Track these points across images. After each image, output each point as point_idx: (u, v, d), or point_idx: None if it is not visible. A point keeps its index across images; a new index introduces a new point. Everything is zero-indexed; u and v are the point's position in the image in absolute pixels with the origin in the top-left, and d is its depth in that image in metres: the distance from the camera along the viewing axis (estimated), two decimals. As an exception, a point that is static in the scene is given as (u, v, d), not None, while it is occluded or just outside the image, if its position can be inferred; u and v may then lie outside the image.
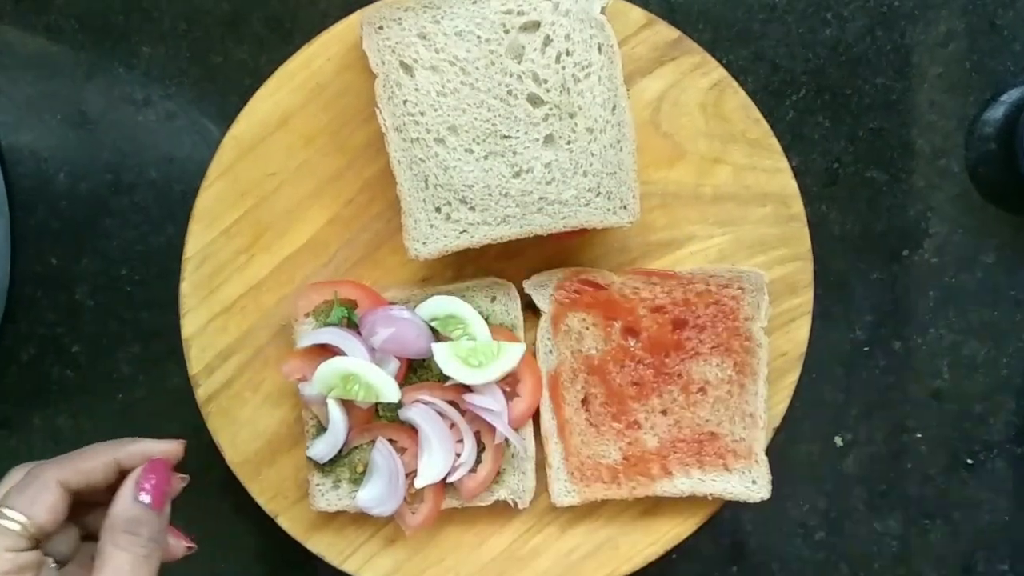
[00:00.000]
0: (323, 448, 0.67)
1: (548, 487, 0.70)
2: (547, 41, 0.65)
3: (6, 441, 0.79)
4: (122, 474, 0.54)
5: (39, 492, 0.51)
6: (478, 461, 0.69)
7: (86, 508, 0.55)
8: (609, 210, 0.66)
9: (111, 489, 0.54)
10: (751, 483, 0.70)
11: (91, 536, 0.56)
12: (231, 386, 0.71)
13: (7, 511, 0.50)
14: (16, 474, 0.55)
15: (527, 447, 0.70)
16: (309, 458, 0.68)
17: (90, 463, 0.54)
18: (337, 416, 0.67)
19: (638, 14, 0.70)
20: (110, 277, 0.78)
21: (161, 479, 0.54)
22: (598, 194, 0.66)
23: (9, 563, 0.49)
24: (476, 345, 0.67)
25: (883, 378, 0.79)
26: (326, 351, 0.67)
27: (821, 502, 0.80)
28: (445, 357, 0.66)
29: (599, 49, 0.65)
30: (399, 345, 0.66)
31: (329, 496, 0.69)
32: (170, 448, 0.56)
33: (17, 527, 0.50)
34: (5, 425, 0.79)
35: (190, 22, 0.77)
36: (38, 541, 0.51)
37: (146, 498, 0.52)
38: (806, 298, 0.71)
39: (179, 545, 0.57)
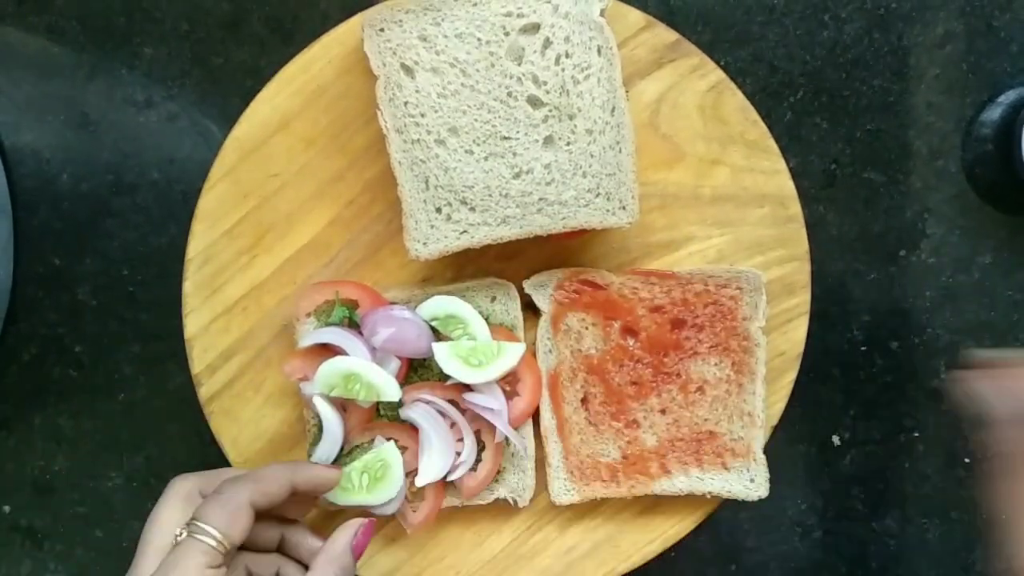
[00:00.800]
0: (325, 450, 0.68)
1: (548, 486, 0.70)
2: (547, 43, 0.65)
3: (6, 441, 0.79)
4: (293, 494, 0.59)
5: (237, 512, 0.54)
6: (478, 460, 0.69)
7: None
8: (608, 211, 0.66)
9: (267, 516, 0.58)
10: (749, 482, 0.70)
11: (243, 547, 0.58)
12: (233, 386, 0.71)
13: (206, 527, 0.53)
14: (181, 485, 0.58)
15: (527, 446, 0.70)
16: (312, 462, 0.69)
17: (273, 486, 0.57)
18: (330, 415, 0.67)
19: (637, 16, 0.70)
20: (112, 277, 0.78)
21: (368, 537, 0.60)
22: (597, 195, 0.66)
23: None
24: (476, 345, 0.67)
25: (880, 378, 0.79)
26: (327, 351, 0.68)
27: (819, 501, 0.80)
28: (445, 356, 0.66)
29: (598, 51, 0.65)
30: (400, 345, 0.67)
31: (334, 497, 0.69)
32: (335, 476, 0.63)
33: (215, 544, 0.53)
34: (5, 425, 0.79)
35: (191, 23, 0.77)
36: (227, 558, 0.54)
37: (357, 548, 0.59)
38: (804, 298, 0.72)
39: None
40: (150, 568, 0.53)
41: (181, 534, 0.54)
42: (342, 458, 0.69)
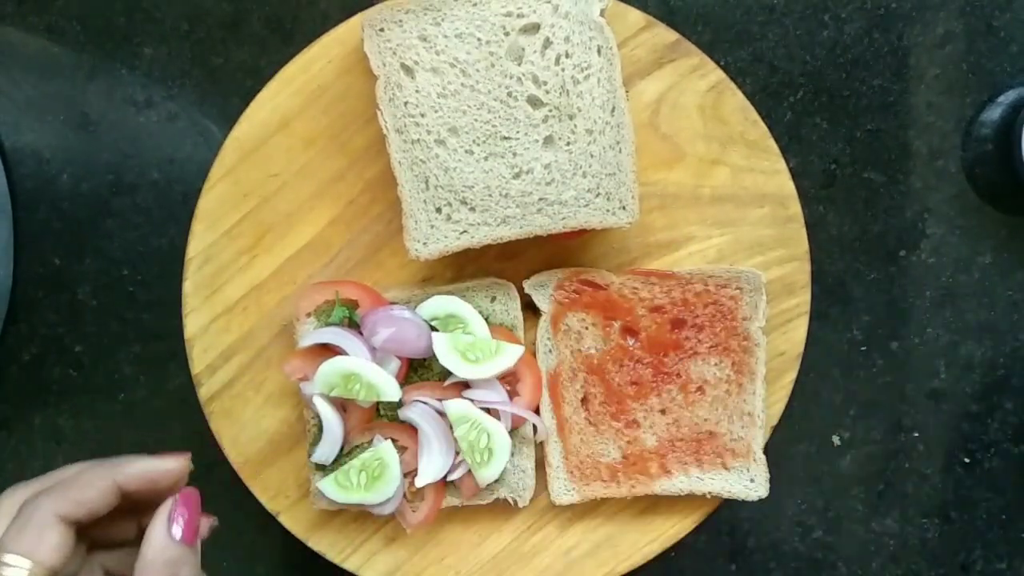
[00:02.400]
0: (325, 450, 0.68)
1: (548, 486, 0.70)
2: (547, 43, 0.65)
3: (7, 441, 0.79)
4: (124, 497, 0.50)
5: (42, 532, 0.46)
6: (478, 460, 0.69)
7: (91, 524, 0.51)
8: (608, 211, 0.66)
9: (116, 511, 0.50)
10: (749, 482, 0.70)
11: (96, 545, 0.52)
12: (233, 386, 0.71)
13: (9, 557, 0.46)
14: (5, 503, 0.49)
15: (543, 427, 0.70)
16: (313, 461, 0.69)
17: (89, 492, 0.48)
18: (329, 415, 0.67)
19: (637, 16, 0.70)
20: (112, 277, 0.78)
21: (193, 513, 0.49)
22: (597, 195, 0.66)
23: None
24: (475, 340, 0.67)
25: (880, 378, 0.79)
26: (327, 351, 0.68)
27: (819, 501, 0.80)
28: (444, 349, 0.66)
29: (598, 51, 0.65)
30: (400, 345, 0.67)
31: (333, 495, 0.69)
32: (175, 466, 0.50)
33: (24, 573, 0.46)
34: (5, 425, 0.79)
35: (192, 23, 0.77)
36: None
37: (178, 533, 0.48)
38: (803, 298, 0.72)
39: (204, 525, 0.53)
40: None
41: None
42: (342, 458, 0.69)
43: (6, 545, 0.46)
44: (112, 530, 0.52)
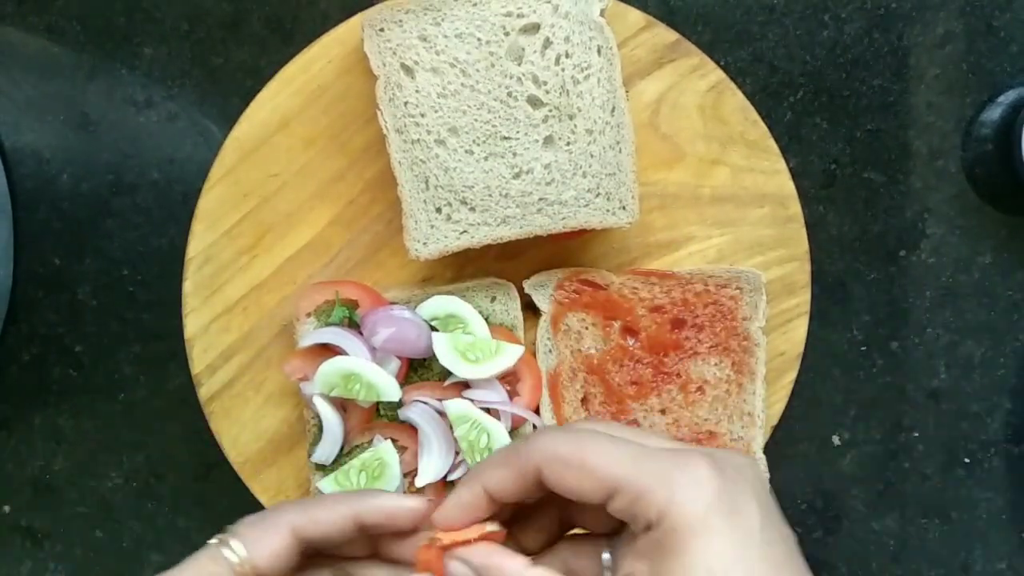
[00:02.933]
0: (325, 450, 0.68)
1: (548, 486, 0.70)
2: (547, 43, 0.65)
3: (6, 441, 0.79)
4: (362, 531, 0.48)
5: (268, 532, 0.46)
6: (478, 460, 0.69)
7: (324, 559, 0.50)
8: (608, 211, 0.66)
9: (350, 544, 0.49)
10: (749, 482, 0.70)
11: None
12: (233, 386, 0.71)
13: (231, 540, 0.46)
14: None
15: (541, 426, 0.70)
16: (313, 461, 0.69)
17: (329, 514, 0.47)
18: (330, 415, 0.67)
19: (637, 16, 0.70)
20: (112, 277, 0.78)
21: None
22: (597, 195, 0.66)
23: None
24: (475, 340, 0.67)
25: (880, 378, 0.79)
26: (327, 351, 0.68)
27: (819, 501, 0.80)
28: (444, 349, 0.66)
29: (598, 51, 0.65)
30: (400, 345, 0.67)
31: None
32: (417, 506, 0.48)
33: (234, 558, 0.46)
34: (5, 425, 0.79)
35: (192, 23, 0.77)
36: None
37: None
38: (803, 298, 0.72)
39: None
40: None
41: (213, 540, 0.47)
42: (342, 458, 0.69)
43: (235, 529, 0.47)
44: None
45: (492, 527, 0.45)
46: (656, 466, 0.41)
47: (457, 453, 0.68)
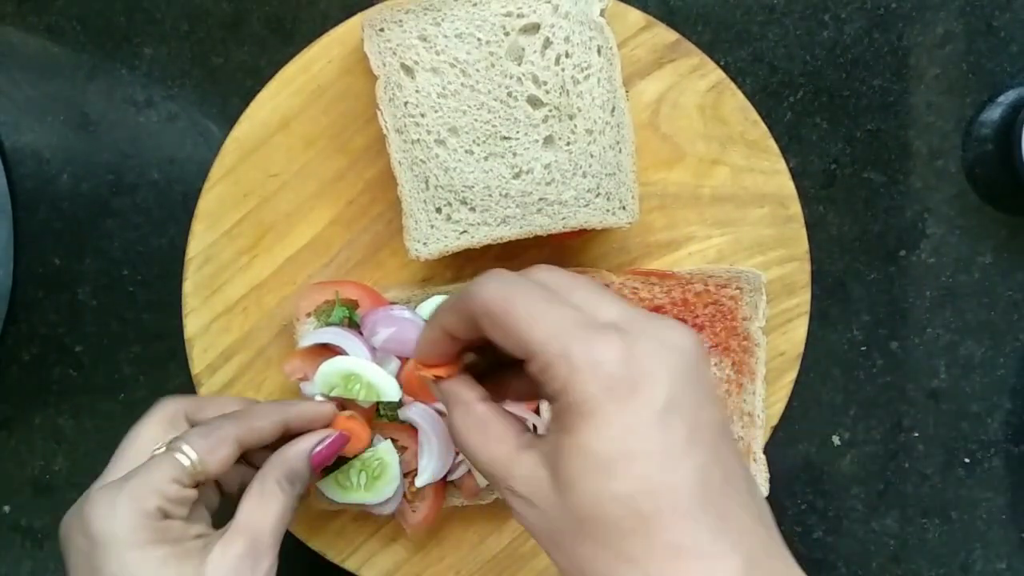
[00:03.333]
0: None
1: (548, 486, 0.70)
2: (547, 43, 0.65)
3: (7, 441, 0.79)
4: (284, 435, 0.58)
5: (219, 445, 0.54)
6: (478, 460, 0.69)
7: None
8: (608, 211, 0.66)
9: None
10: (749, 482, 0.70)
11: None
12: (233, 386, 0.71)
13: (186, 448, 0.53)
14: (168, 406, 0.58)
15: (541, 426, 0.69)
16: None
17: (264, 423, 0.57)
18: None
19: (637, 16, 0.70)
20: (112, 277, 0.78)
21: (335, 450, 0.59)
22: (597, 195, 0.66)
23: (175, 492, 0.52)
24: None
25: (880, 378, 0.79)
26: (327, 351, 0.68)
27: (819, 501, 0.80)
28: None
29: (598, 51, 0.65)
30: (400, 345, 0.67)
31: (332, 495, 0.69)
32: (329, 410, 0.62)
33: (189, 465, 0.53)
34: (5, 426, 0.79)
35: (192, 23, 0.77)
36: (198, 483, 0.54)
37: (317, 457, 0.58)
38: (804, 298, 0.72)
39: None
40: (118, 476, 0.53)
41: (160, 448, 0.54)
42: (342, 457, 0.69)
43: (189, 440, 0.54)
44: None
45: (470, 358, 0.49)
46: (568, 338, 0.40)
47: (457, 453, 0.68)
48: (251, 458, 0.59)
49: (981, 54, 0.78)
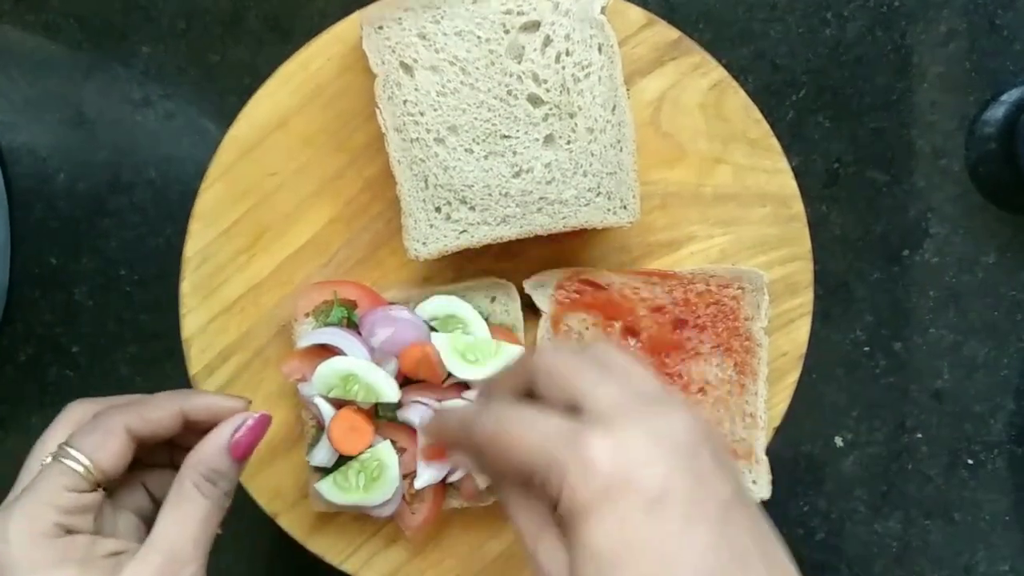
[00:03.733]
0: (324, 453, 0.67)
1: (548, 488, 0.70)
2: (547, 41, 0.65)
3: (3, 442, 0.79)
4: (186, 426, 0.53)
5: (106, 437, 0.50)
6: (478, 462, 0.69)
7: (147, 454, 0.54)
8: (609, 210, 0.66)
9: (170, 441, 0.54)
10: (751, 483, 0.70)
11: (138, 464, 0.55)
12: (231, 386, 0.70)
13: (72, 451, 0.50)
14: (75, 409, 0.54)
15: None
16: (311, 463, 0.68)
17: (158, 412, 0.52)
18: (330, 416, 0.67)
19: (638, 14, 0.70)
20: (109, 277, 0.78)
21: (257, 436, 0.53)
22: (598, 194, 0.66)
23: (71, 501, 0.49)
24: (475, 340, 0.67)
25: (883, 378, 0.79)
26: (326, 351, 0.67)
27: (821, 502, 0.79)
28: (444, 349, 0.66)
29: (599, 49, 0.65)
30: (399, 345, 0.66)
31: (331, 496, 0.69)
32: (238, 405, 0.55)
33: (80, 469, 0.49)
34: (2, 426, 0.79)
35: (189, 21, 0.77)
36: (99, 485, 0.50)
37: (237, 447, 0.52)
38: (806, 298, 0.71)
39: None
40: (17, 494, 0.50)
41: (47, 459, 0.51)
42: (341, 460, 0.68)
43: (73, 442, 0.50)
44: (157, 454, 0.56)
45: None
46: (556, 449, 0.41)
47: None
48: (178, 462, 0.54)
49: (984, 52, 0.77)
